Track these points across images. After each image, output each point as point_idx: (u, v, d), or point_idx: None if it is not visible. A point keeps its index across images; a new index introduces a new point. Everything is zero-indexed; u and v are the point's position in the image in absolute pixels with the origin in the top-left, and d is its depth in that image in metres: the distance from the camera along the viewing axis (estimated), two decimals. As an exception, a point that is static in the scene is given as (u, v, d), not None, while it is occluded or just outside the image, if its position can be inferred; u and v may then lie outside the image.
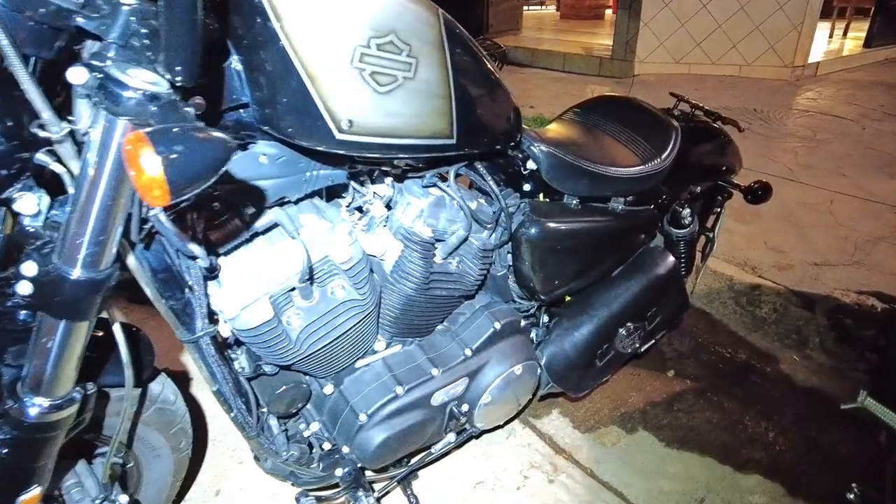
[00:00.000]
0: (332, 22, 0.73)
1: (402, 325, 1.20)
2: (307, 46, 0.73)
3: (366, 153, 0.85)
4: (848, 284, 2.21)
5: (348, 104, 0.78)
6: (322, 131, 0.79)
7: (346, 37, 0.74)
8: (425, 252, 1.11)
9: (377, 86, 0.79)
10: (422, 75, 0.83)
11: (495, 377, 1.31)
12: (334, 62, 0.75)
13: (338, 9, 0.73)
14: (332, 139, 0.80)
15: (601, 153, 1.37)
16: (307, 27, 0.72)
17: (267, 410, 1.16)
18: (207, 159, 0.58)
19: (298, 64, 0.74)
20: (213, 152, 0.58)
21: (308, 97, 0.76)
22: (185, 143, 0.56)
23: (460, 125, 0.95)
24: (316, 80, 0.75)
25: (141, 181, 0.54)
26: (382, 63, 0.78)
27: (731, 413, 1.77)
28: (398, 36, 0.78)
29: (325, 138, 0.80)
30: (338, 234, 1.00)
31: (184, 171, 0.56)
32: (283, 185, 0.94)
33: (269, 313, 0.96)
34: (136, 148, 0.54)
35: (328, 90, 0.76)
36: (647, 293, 1.49)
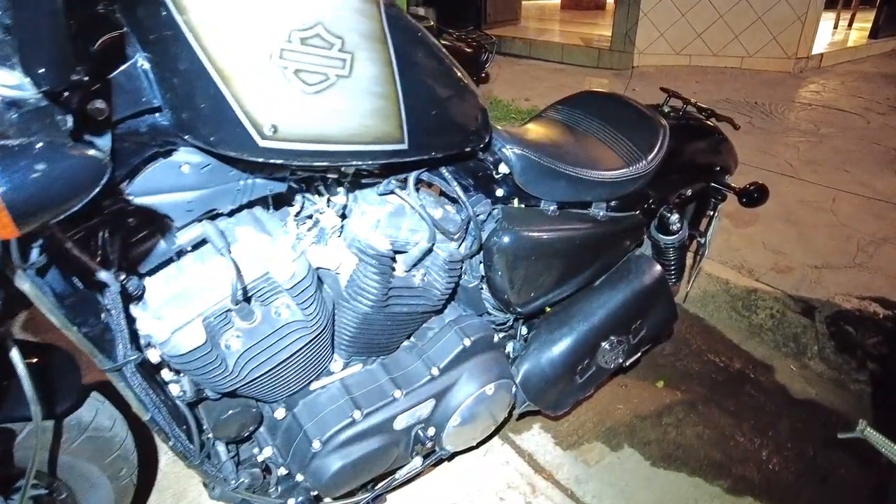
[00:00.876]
0: (244, 14, 0.63)
1: (361, 345, 1.11)
2: (217, 43, 0.63)
3: (297, 161, 0.75)
4: (849, 289, 2.10)
5: (271, 107, 0.68)
6: (242, 138, 0.69)
7: (261, 30, 0.64)
8: (382, 266, 1.01)
9: (304, 85, 0.69)
10: (360, 72, 0.73)
11: (465, 398, 1.21)
12: (250, 60, 0.64)
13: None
14: (255, 147, 0.70)
15: (581, 155, 1.27)
16: (215, 20, 0.62)
17: (214, 436, 1.07)
18: (70, 181, 0.48)
19: (208, 63, 0.63)
20: (76, 172, 0.49)
21: (223, 100, 0.66)
22: (36, 162, 0.46)
23: (412, 128, 0.85)
24: (230, 80, 0.65)
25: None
26: (308, 59, 0.68)
27: (723, 428, 1.67)
28: (326, 28, 0.67)
29: (246, 146, 0.70)
30: (279, 249, 0.90)
31: (33, 196, 0.46)
32: (212, 195, 0.83)
33: (202, 337, 0.87)
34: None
35: (245, 92, 0.66)
36: (631, 304, 1.39)
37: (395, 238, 1.03)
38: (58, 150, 0.48)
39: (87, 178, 0.49)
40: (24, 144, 0.47)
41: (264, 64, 0.65)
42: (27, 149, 0.46)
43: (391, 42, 0.76)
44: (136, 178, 0.77)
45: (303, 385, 1.07)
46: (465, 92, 0.96)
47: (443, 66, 0.90)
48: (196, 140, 0.71)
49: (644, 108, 1.43)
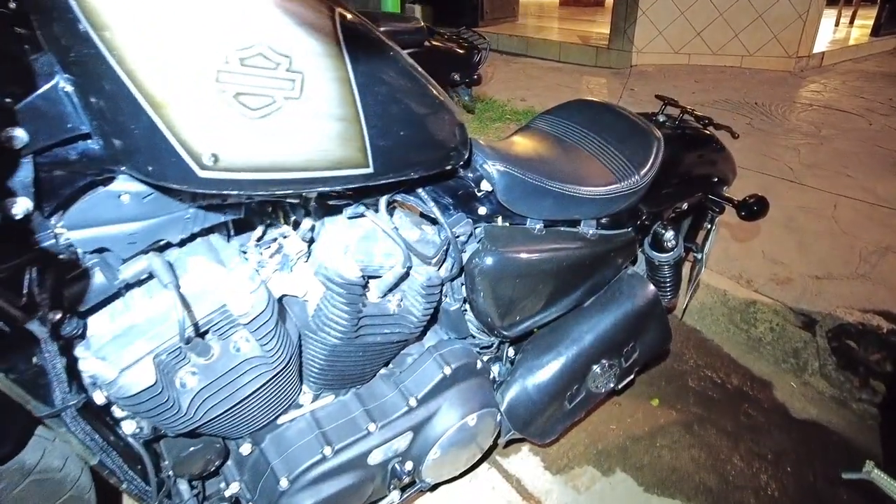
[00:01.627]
0: (173, 32, 0.56)
1: (331, 377, 1.04)
2: (143, 65, 0.55)
3: (244, 191, 0.67)
4: (851, 301, 2.03)
5: (209, 135, 0.61)
6: (180, 169, 0.62)
7: (193, 51, 0.56)
8: (351, 295, 0.94)
9: (247, 110, 0.61)
10: (312, 93, 0.65)
11: (446, 429, 1.14)
12: (182, 84, 0.57)
13: (177, 14, 0.55)
14: (195, 178, 0.63)
15: (569, 170, 1.20)
16: (139, 40, 0.54)
17: (175, 473, 1.00)
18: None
19: (135, 88, 0.56)
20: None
21: (155, 128, 0.59)
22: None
23: (378, 151, 0.77)
24: (161, 107, 0.57)
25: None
26: (250, 82, 0.60)
27: (719, 451, 1.60)
28: (270, 46, 0.60)
29: (185, 177, 0.63)
30: (235, 280, 0.83)
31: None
32: (157, 226, 0.76)
33: (151, 377, 0.79)
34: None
35: (179, 119, 0.58)
36: (623, 326, 1.31)
37: (366, 264, 0.96)
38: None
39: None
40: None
41: (199, 88, 0.58)
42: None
43: (348, 57, 0.68)
44: (71, 209, 0.70)
45: (268, 421, 1.00)
46: (439, 107, 0.89)
47: (411, 80, 0.82)
48: (131, 170, 0.64)
49: (637, 118, 1.36)
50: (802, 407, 1.76)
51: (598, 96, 4.86)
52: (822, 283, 2.14)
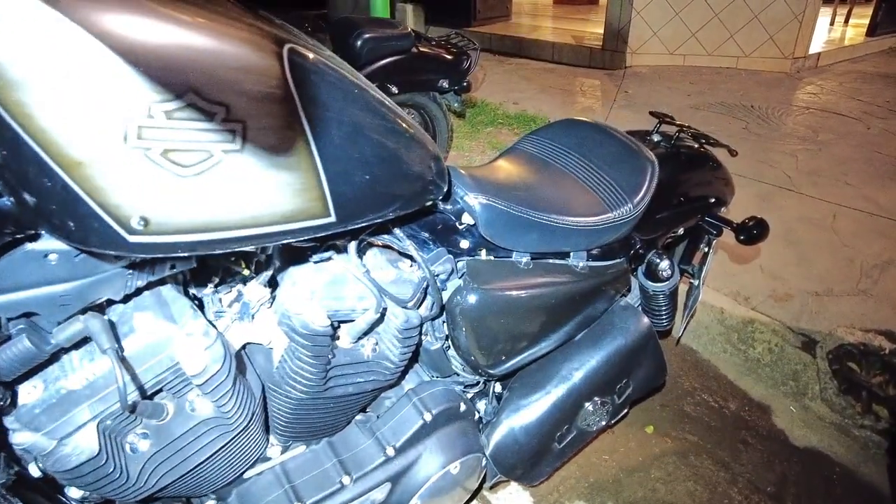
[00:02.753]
0: (82, 85, 0.47)
1: (299, 430, 0.96)
2: (49, 126, 0.47)
3: (183, 253, 0.59)
4: (852, 319, 1.96)
5: (135, 197, 0.53)
6: (105, 234, 0.54)
7: (106, 107, 0.48)
8: (318, 347, 0.86)
9: (178, 168, 0.53)
10: (257, 143, 0.57)
11: (426, 479, 1.07)
12: (96, 145, 0.49)
13: (87, 66, 0.47)
14: (124, 242, 0.55)
15: (557, 199, 1.12)
16: (44, 96, 0.46)
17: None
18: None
19: (43, 152, 0.48)
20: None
21: (70, 191, 0.51)
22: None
23: (340, 198, 0.69)
24: (75, 169, 0.50)
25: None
26: (180, 136, 0.52)
27: (716, 484, 1.53)
28: (202, 94, 0.52)
29: (112, 242, 0.55)
30: (185, 338, 0.75)
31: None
32: (93, 285, 0.68)
33: (94, 447, 0.72)
34: None
35: (98, 182, 0.51)
36: (616, 362, 1.24)
37: (335, 308, 0.88)
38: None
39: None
40: None
41: (118, 148, 0.50)
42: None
43: (299, 99, 0.60)
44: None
45: (231, 480, 0.92)
46: (410, 142, 0.81)
47: (378, 117, 0.74)
48: (53, 234, 0.56)
49: (629, 139, 1.28)
50: (803, 434, 1.70)
51: (593, 98, 4.79)
52: (822, 300, 2.07)
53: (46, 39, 0.46)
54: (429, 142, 0.85)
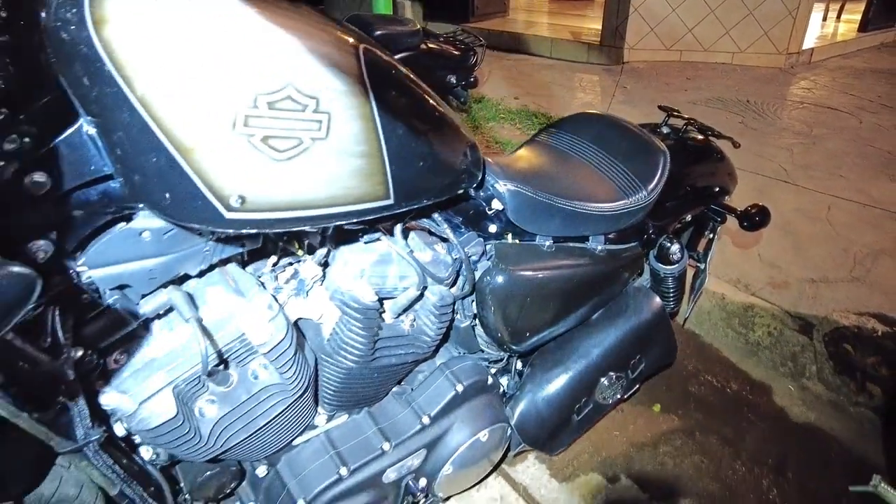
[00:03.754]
0: (199, 79, 0.55)
1: (346, 399, 1.04)
2: (170, 111, 0.55)
3: (269, 230, 0.67)
4: (847, 304, 2.06)
5: (236, 178, 0.60)
6: (206, 211, 0.61)
7: (222, 96, 0.56)
8: (368, 320, 0.94)
9: (274, 153, 0.61)
10: (338, 133, 0.65)
11: (458, 445, 1.15)
12: (210, 129, 0.57)
13: (208, 59, 0.55)
14: (221, 219, 0.63)
15: (578, 187, 1.20)
16: (167, 86, 0.54)
17: (191, 497, 1.00)
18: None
19: (162, 134, 0.56)
20: (3, 293, 0.41)
21: (181, 173, 0.58)
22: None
23: (398, 182, 0.77)
24: (189, 152, 0.57)
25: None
26: (278, 125, 0.60)
27: (721, 457, 1.63)
28: (298, 89, 0.60)
29: (211, 219, 0.62)
30: (253, 309, 0.83)
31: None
32: (176, 260, 0.76)
33: (172, 409, 0.80)
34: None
35: (206, 164, 0.58)
36: (630, 339, 1.33)
37: (381, 286, 0.96)
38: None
39: (15, 297, 0.41)
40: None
41: (227, 133, 0.57)
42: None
43: (372, 94, 0.68)
44: (91, 247, 0.69)
45: (285, 444, 1.00)
46: (454, 133, 0.89)
47: (428, 108, 0.82)
48: (155, 212, 0.64)
49: (642, 131, 1.36)
50: (801, 412, 1.79)
51: (592, 94, 4.87)
52: (818, 287, 2.17)
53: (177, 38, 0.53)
54: (467, 132, 0.93)
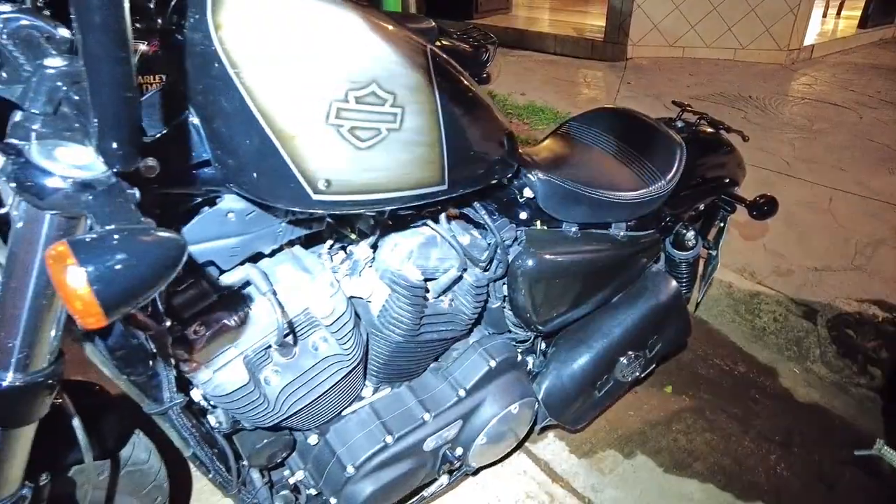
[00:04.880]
0: (303, 75, 0.63)
1: (391, 371, 1.13)
2: (275, 104, 0.63)
3: (345, 210, 0.76)
4: (849, 291, 2.15)
5: (325, 164, 0.69)
6: (296, 193, 0.70)
7: (319, 91, 0.64)
8: (415, 297, 1.02)
9: (357, 142, 0.69)
10: (408, 125, 0.74)
11: (491, 417, 1.24)
12: (308, 121, 0.65)
13: (310, 60, 0.63)
14: (308, 200, 0.71)
15: (601, 176, 1.28)
16: (273, 82, 0.62)
17: (248, 464, 1.08)
18: (152, 266, 0.48)
19: (266, 124, 0.64)
20: (159, 257, 0.49)
21: (279, 159, 0.66)
22: (123, 250, 0.46)
23: (452, 170, 0.85)
24: (287, 140, 0.65)
25: (68, 302, 0.45)
26: (363, 117, 0.68)
27: (730, 434, 1.72)
28: (380, 85, 0.68)
29: (300, 200, 0.71)
30: (318, 286, 0.91)
31: (121, 284, 0.46)
32: (254, 239, 0.84)
33: (244, 377, 0.88)
34: (59, 263, 0.45)
35: (302, 151, 0.66)
36: (648, 320, 1.41)
37: (425, 267, 1.05)
38: (138, 236, 0.48)
39: (169, 260, 0.49)
40: (103, 236, 0.47)
41: (322, 124, 0.66)
42: (110, 239, 0.47)
43: (437, 90, 0.76)
44: (184, 228, 0.78)
45: (338, 412, 1.09)
46: (497, 124, 0.97)
47: (477, 104, 0.91)
48: (249, 193, 0.72)
49: (659, 125, 1.45)
50: (806, 392, 1.88)
51: (597, 90, 4.95)
52: (821, 275, 2.26)
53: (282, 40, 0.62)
54: (506, 123, 1.02)
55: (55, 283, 0.45)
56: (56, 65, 0.54)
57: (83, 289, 0.44)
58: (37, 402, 0.63)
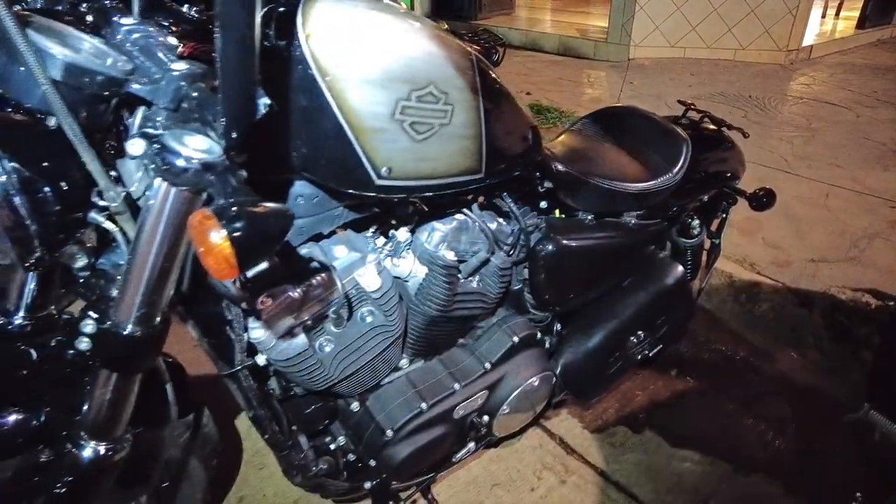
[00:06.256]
0: (376, 78, 0.75)
1: (426, 344, 1.24)
2: (353, 102, 0.75)
3: (400, 195, 0.87)
4: (844, 281, 2.27)
5: (388, 153, 0.80)
6: (362, 179, 0.81)
7: (390, 91, 0.76)
8: (450, 275, 1.14)
9: (415, 134, 0.81)
10: (456, 120, 0.85)
11: (514, 389, 1.35)
12: (379, 116, 0.76)
13: (380, 64, 0.75)
14: (372, 185, 0.82)
15: (615, 169, 1.40)
16: (352, 84, 0.74)
17: (297, 428, 1.20)
18: (270, 231, 0.60)
19: (344, 120, 0.75)
20: (274, 224, 0.60)
21: (352, 149, 0.78)
22: (249, 217, 0.58)
23: (489, 160, 0.97)
24: (360, 133, 0.77)
25: (210, 259, 0.57)
26: (421, 113, 0.80)
27: (731, 413, 1.84)
28: (437, 86, 0.80)
29: (365, 185, 0.82)
30: (368, 264, 1.03)
31: (249, 245, 0.58)
32: (318, 222, 0.96)
33: (304, 343, 0.99)
34: (205, 227, 0.56)
35: (371, 143, 0.78)
36: (656, 303, 1.53)
37: (457, 249, 1.16)
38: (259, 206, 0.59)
39: (281, 226, 0.60)
40: (235, 204, 0.58)
41: (389, 119, 0.77)
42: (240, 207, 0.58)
43: (480, 91, 0.88)
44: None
45: (379, 381, 1.20)
46: (525, 120, 1.09)
47: (509, 101, 1.02)
48: (320, 179, 0.84)
49: (666, 122, 1.56)
50: (802, 376, 2.00)
51: (601, 89, 5.07)
52: (817, 266, 2.38)
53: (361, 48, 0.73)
54: (533, 121, 1.13)
55: (197, 243, 0.57)
56: (180, 68, 0.65)
57: (225, 246, 0.55)
58: (148, 353, 0.75)
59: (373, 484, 1.26)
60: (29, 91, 0.61)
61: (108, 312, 0.71)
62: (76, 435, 0.79)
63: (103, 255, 0.79)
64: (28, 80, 0.60)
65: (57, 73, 0.59)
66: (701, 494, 1.56)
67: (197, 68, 0.67)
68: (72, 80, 0.60)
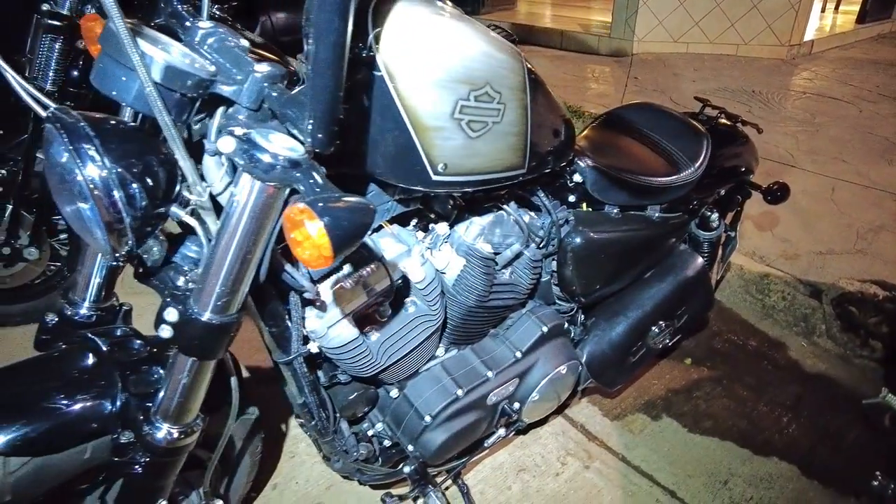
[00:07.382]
0: (440, 79, 0.79)
1: (461, 333, 1.29)
2: (416, 103, 0.79)
3: (454, 189, 0.92)
4: (852, 273, 2.33)
5: (445, 150, 0.85)
6: (421, 175, 0.86)
7: (451, 92, 0.80)
8: (487, 267, 1.18)
9: (471, 132, 0.85)
10: (507, 118, 0.90)
11: (542, 377, 1.40)
12: (440, 116, 0.81)
13: (444, 67, 0.79)
14: (429, 181, 0.87)
15: (640, 164, 1.45)
16: (418, 85, 0.78)
17: (339, 415, 1.24)
18: (357, 223, 0.64)
19: (408, 120, 0.80)
20: (360, 217, 0.65)
21: (413, 147, 0.82)
22: (340, 211, 0.62)
23: (531, 156, 1.02)
24: (422, 132, 0.81)
25: (307, 250, 0.61)
26: (477, 112, 0.84)
27: (745, 400, 1.89)
28: (492, 86, 0.84)
29: (422, 181, 0.87)
30: (413, 256, 1.08)
31: (343, 236, 0.62)
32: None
33: (354, 332, 1.04)
34: (302, 220, 0.61)
35: (431, 140, 0.82)
36: (676, 293, 1.58)
37: (493, 242, 1.21)
38: (346, 200, 0.64)
39: (366, 219, 0.65)
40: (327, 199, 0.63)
41: (449, 118, 0.82)
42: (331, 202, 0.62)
43: (529, 90, 0.92)
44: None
45: (419, 368, 1.25)
46: (563, 118, 1.14)
47: (551, 100, 1.07)
48: (380, 175, 0.88)
49: (687, 119, 1.61)
50: (813, 363, 2.06)
51: (605, 84, 5.10)
52: (825, 258, 2.43)
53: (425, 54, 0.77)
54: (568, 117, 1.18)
55: (293, 234, 0.61)
56: (263, 70, 0.69)
57: (322, 237, 0.60)
58: (223, 341, 0.79)
59: (412, 468, 1.31)
60: (127, 91, 0.64)
61: (188, 302, 0.76)
62: (152, 418, 0.83)
63: (177, 249, 0.84)
64: (128, 81, 0.64)
65: (157, 75, 0.63)
66: (720, 476, 1.62)
67: (276, 70, 0.71)
68: (168, 83, 0.64)
